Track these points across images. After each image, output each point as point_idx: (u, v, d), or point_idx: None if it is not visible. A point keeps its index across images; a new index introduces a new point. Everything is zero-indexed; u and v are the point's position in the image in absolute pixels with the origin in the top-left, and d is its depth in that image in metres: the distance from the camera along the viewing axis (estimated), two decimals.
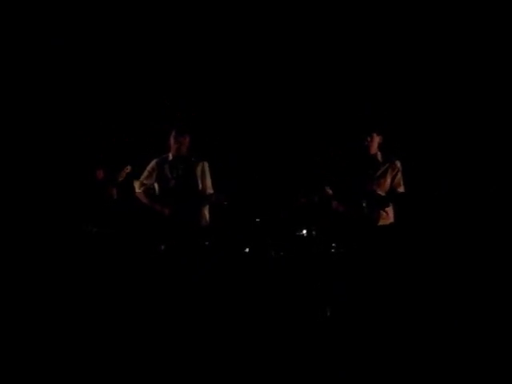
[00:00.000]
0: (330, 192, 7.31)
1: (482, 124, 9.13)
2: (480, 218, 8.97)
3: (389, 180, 7.41)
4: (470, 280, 8.16)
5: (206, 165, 7.83)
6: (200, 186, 7.74)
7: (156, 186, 7.84)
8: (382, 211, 7.32)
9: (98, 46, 9.40)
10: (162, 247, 7.57)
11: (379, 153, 7.49)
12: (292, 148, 9.64)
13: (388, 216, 7.37)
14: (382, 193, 7.34)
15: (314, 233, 8.52)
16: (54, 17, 9.22)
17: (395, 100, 8.92)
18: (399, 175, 7.46)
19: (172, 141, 7.69)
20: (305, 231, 8.74)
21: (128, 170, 8.26)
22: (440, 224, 9.10)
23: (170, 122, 8.12)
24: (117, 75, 9.59)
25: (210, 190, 7.77)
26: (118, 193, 8.37)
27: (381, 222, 7.31)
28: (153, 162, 7.84)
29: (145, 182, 7.82)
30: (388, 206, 7.35)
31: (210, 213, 7.88)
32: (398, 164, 7.49)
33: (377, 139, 7.44)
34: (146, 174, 7.85)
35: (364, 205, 7.13)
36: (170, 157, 7.75)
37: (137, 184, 7.86)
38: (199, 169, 7.77)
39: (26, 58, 9.28)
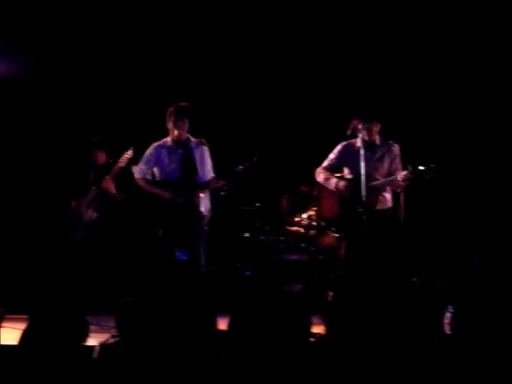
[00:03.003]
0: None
1: (482, 125, 9.11)
2: (480, 216, 9.02)
3: (386, 165, 7.40)
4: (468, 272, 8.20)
5: (206, 149, 7.74)
6: (199, 170, 7.67)
7: (155, 171, 7.80)
8: (379, 196, 7.31)
9: (107, 33, 9.41)
10: (160, 232, 7.56)
11: (378, 137, 7.48)
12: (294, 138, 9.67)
13: (386, 200, 7.37)
14: (379, 177, 7.32)
15: (313, 219, 8.54)
16: (54, 17, 9.23)
17: (395, 101, 8.87)
18: (397, 160, 7.44)
19: (170, 125, 7.62)
20: (305, 215, 8.77)
21: (129, 156, 8.20)
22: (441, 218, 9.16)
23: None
24: (120, 60, 9.61)
25: (209, 175, 7.70)
26: (117, 186, 8.35)
27: (379, 206, 7.30)
28: (151, 147, 7.78)
29: (143, 167, 7.78)
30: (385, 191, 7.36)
31: (210, 198, 7.85)
32: (397, 148, 7.47)
33: (378, 126, 7.44)
34: (144, 159, 7.78)
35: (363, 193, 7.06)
36: (169, 141, 7.70)
37: (136, 169, 7.82)
38: (198, 153, 7.70)
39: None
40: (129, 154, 8.20)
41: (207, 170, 7.70)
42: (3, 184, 9.20)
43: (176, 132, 7.56)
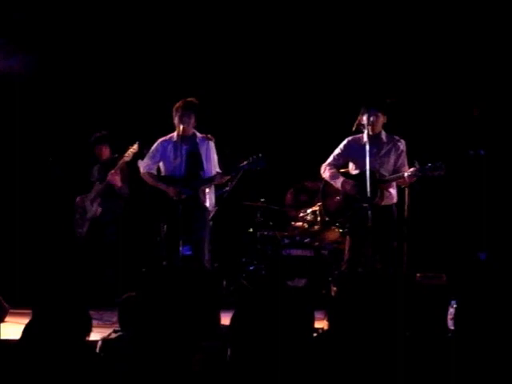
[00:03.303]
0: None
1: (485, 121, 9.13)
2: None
3: (392, 160, 7.37)
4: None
5: (212, 144, 7.73)
6: (205, 166, 7.66)
7: (161, 165, 7.79)
8: (385, 191, 7.28)
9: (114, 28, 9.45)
10: (165, 227, 7.56)
11: (383, 132, 7.45)
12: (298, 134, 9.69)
13: (391, 196, 7.34)
14: (385, 173, 7.29)
15: (317, 214, 8.54)
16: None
17: (401, 97, 8.87)
18: (403, 156, 7.41)
19: (176, 120, 7.61)
20: (309, 211, 8.77)
21: (135, 150, 8.21)
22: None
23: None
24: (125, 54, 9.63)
25: (215, 170, 7.68)
26: (123, 179, 8.38)
27: (384, 202, 7.27)
28: (157, 142, 7.77)
29: (149, 162, 7.77)
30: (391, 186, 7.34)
31: (215, 193, 7.86)
32: (403, 144, 7.44)
33: (382, 118, 7.40)
34: (150, 153, 7.77)
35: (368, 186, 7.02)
36: (175, 137, 7.68)
37: (141, 164, 7.81)
38: (204, 148, 7.69)
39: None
40: (134, 148, 8.21)
41: (212, 165, 7.68)
42: (8, 180, 9.24)
43: (182, 127, 7.53)
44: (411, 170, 7.12)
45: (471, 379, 3.62)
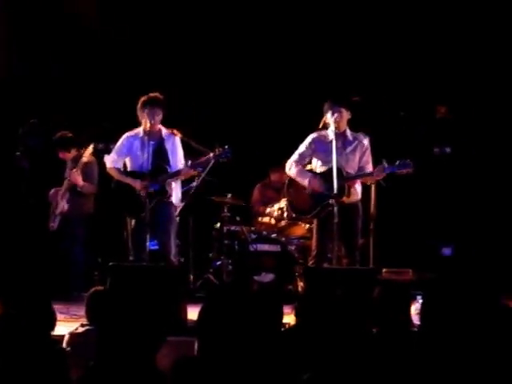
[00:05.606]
0: None
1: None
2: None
3: (357, 157, 7.39)
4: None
5: (178, 139, 7.71)
6: (171, 161, 7.64)
7: (127, 161, 7.75)
8: (351, 188, 7.30)
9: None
10: (133, 222, 7.55)
11: (348, 130, 7.46)
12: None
13: (356, 193, 7.37)
14: (350, 170, 7.31)
15: (285, 207, 8.54)
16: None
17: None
18: (368, 153, 7.44)
19: (143, 116, 7.55)
20: (276, 206, 8.79)
21: (90, 151, 8.30)
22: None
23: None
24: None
25: (180, 165, 7.65)
26: (84, 178, 8.41)
27: (350, 199, 7.29)
28: (123, 137, 7.71)
29: (115, 157, 7.73)
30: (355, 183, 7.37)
31: (181, 188, 7.85)
32: (367, 141, 7.47)
33: (346, 115, 7.39)
34: (117, 149, 7.72)
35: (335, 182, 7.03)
36: (141, 132, 7.63)
37: (108, 159, 7.78)
38: (170, 143, 7.67)
39: None
40: (89, 150, 8.31)
41: (178, 160, 7.66)
42: None
43: (148, 123, 7.47)
44: (380, 166, 7.15)
45: (436, 374, 3.64)
